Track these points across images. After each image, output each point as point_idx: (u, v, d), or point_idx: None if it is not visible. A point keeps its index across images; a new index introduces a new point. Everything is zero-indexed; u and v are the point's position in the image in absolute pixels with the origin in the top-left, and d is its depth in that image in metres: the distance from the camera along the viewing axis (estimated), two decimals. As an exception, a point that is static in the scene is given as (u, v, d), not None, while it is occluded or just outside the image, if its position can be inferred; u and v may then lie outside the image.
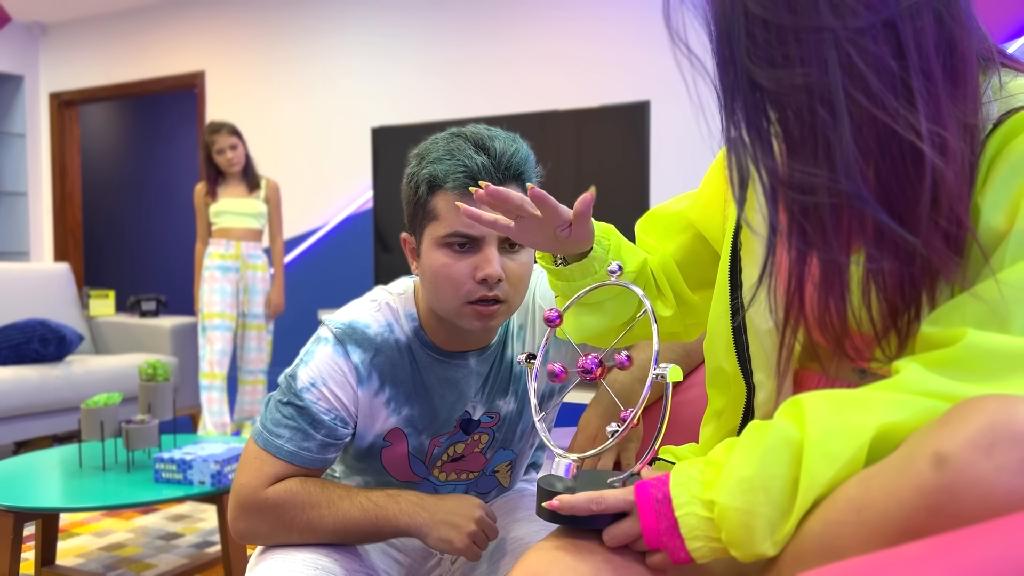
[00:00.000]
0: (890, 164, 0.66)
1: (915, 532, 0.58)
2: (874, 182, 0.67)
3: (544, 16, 4.37)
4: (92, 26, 6.04)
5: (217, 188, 3.81)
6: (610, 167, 3.51)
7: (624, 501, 0.76)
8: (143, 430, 2.10)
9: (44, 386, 3.58)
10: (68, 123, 6.21)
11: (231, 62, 5.43)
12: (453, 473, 1.28)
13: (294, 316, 5.14)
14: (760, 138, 0.70)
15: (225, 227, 3.79)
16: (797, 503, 0.65)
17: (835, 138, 0.66)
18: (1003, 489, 0.55)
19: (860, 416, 0.65)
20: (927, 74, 0.66)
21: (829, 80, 0.65)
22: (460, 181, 1.08)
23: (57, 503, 1.93)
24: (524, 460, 1.37)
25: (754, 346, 0.85)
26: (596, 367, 0.84)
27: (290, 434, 1.14)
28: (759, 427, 0.70)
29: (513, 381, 1.26)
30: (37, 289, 4.13)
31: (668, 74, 3.99)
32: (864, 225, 0.68)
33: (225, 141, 3.73)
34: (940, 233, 0.67)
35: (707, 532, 0.71)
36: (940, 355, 0.65)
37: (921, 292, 0.70)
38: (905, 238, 0.66)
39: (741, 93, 0.70)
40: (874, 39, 0.65)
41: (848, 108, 0.65)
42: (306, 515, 1.12)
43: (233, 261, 3.79)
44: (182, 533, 2.68)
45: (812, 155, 0.67)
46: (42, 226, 6.30)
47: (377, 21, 4.90)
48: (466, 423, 1.24)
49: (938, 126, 0.66)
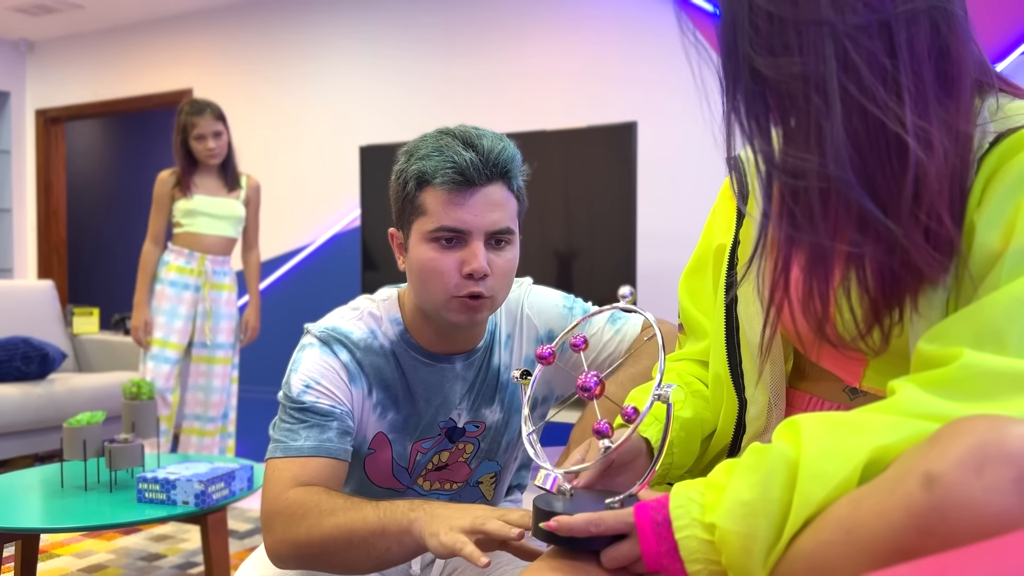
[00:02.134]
0: (876, 154, 0.69)
1: (905, 553, 0.58)
2: (861, 170, 0.70)
3: (532, 37, 4.40)
4: (79, 43, 6.03)
5: (191, 181, 3.12)
6: (597, 187, 3.53)
7: (624, 523, 0.75)
8: (126, 449, 2.08)
9: (26, 404, 3.54)
10: (54, 140, 6.19)
11: (218, 80, 5.43)
12: (437, 483, 1.28)
13: (281, 334, 5.11)
14: (758, 124, 0.74)
15: (194, 232, 3.13)
16: (789, 522, 0.66)
17: (826, 125, 0.69)
18: (993, 509, 0.55)
19: (854, 438, 0.65)
20: (917, 73, 0.69)
21: (825, 70, 0.69)
22: (448, 177, 1.10)
23: (37, 523, 1.90)
24: (508, 474, 1.37)
25: (747, 361, 0.86)
26: (595, 385, 0.84)
27: (306, 432, 1.13)
28: (760, 450, 0.70)
29: (499, 390, 1.26)
30: (20, 306, 4.09)
31: (655, 95, 4.02)
32: (850, 211, 0.70)
33: (208, 126, 3.07)
34: (920, 227, 0.70)
35: (707, 555, 0.71)
36: (936, 375, 0.66)
37: (904, 291, 0.72)
38: (887, 225, 0.69)
39: (742, 80, 0.74)
40: (869, 36, 0.69)
41: (841, 97, 0.69)
42: (329, 507, 1.06)
43: (194, 278, 3.12)
44: (165, 554, 2.64)
45: (804, 140, 0.71)
46: (26, 243, 6.25)
47: (365, 40, 4.92)
48: (451, 431, 1.24)
49: (923, 121, 0.69)
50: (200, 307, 3.11)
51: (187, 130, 3.08)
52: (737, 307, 0.91)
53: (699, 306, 1.02)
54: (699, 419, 0.97)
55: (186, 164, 3.11)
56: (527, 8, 4.42)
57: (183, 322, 3.08)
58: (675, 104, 3.93)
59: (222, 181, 3.16)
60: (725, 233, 0.96)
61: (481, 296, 1.12)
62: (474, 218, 1.10)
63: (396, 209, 1.18)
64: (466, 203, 1.10)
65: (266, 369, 5.06)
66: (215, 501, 1.94)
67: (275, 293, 4.96)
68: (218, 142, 3.10)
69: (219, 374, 3.16)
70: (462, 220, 1.10)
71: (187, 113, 3.08)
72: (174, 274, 3.09)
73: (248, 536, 2.77)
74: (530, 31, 4.40)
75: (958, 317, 0.68)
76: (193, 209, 3.10)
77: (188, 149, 3.10)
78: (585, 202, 3.57)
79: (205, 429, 3.14)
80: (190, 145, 3.09)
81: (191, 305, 3.10)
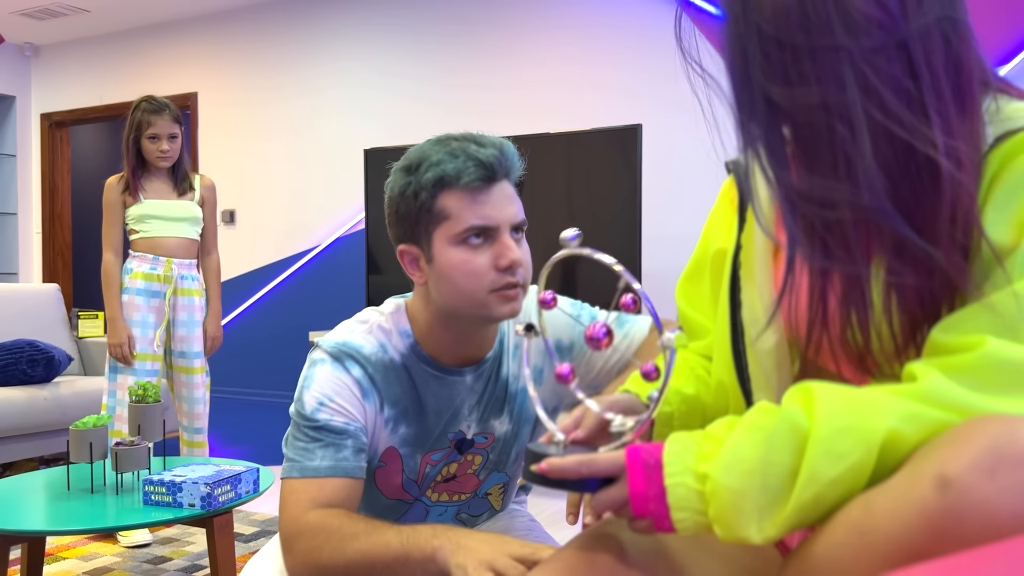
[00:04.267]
0: (908, 178, 0.68)
1: (919, 555, 0.57)
2: (895, 196, 0.68)
3: (536, 40, 4.40)
4: (84, 47, 6.05)
5: (140, 184, 2.89)
6: (601, 190, 3.53)
7: (615, 464, 0.74)
8: (132, 452, 2.08)
9: (32, 407, 3.55)
10: (59, 144, 6.21)
11: (223, 84, 5.44)
12: (445, 494, 1.28)
13: (286, 338, 5.12)
14: (776, 154, 0.72)
15: (152, 237, 2.91)
16: (794, 495, 0.65)
17: (855, 154, 0.67)
18: (1007, 511, 0.55)
19: (872, 418, 0.64)
20: (938, 93, 0.68)
21: (847, 98, 0.67)
22: (477, 174, 1.11)
23: (43, 526, 1.90)
24: (516, 484, 1.36)
25: (753, 365, 0.86)
26: (604, 336, 0.82)
27: (322, 452, 1.13)
28: (767, 410, 0.69)
29: (508, 401, 1.25)
30: (26, 310, 4.10)
31: (660, 98, 4.02)
32: (884, 239, 0.69)
33: (165, 127, 2.84)
34: (958, 247, 0.68)
35: (695, 505, 0.70)
36: (959, 361, 0.65)
37: (941, 306, 0.71)
38: (926, 251, 0.68)
39: (757, 110, 0.72)
40: (888, 59, 0.67)
41: (867, 124, 0.67)
42: (351, 532, 1.07)
43: (160, 284, 2.91)
44: (170, 557, 2.64)
45: (832, 170, 0.69)
46: (31, 246, 6.27)
47: (371, 44, 4.92)
48: (460, 442, 1.24)
49: (951, 139, 0.68)
50: (169, 315, 2.94)
51: (141, 128, 2.84)
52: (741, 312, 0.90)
53: (698, 310, 1.02)
54: (700, 400, 0.96)
55: (135, 165, 2.88)
56: (531, 12, 4.42)
57: (155, 331, 2.91)
58: (680, 107, 3.93)
59: (172, 184, 2.94)
60: (725, 237, 0.95)
61: (517, 285, 1.13)
62: (499, 213, 1.12)
63: (407, 225, 1.16)
64: (489, 199, 1.11)
65: (276, 374, 5.07)
66: (221, 504, 1.94)
67: (280, 296, 4.97)
68: (172, 145, 2.87)
69: (198, 384, 2.99)
70: (489, 216, 1.11)
71: (144, 111, 2.85)
72: (141, 281, 2.89)
73: (254, 539, 2.77)
74: (535, 34, 4.41)
75: (974, 309, 0.67)
76: (144, 214, 2.90)
77: (139, 148, 2.87)
78: (589, 205, 3.57)
79: (193, 440, 3.00)
80: (142, 144, 2.86)
81: (161, 313, 2.93)
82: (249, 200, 5.37)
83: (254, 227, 5.37)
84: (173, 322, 2.94)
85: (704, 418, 0.96)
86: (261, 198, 5.34)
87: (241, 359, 5.16)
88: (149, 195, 2.91)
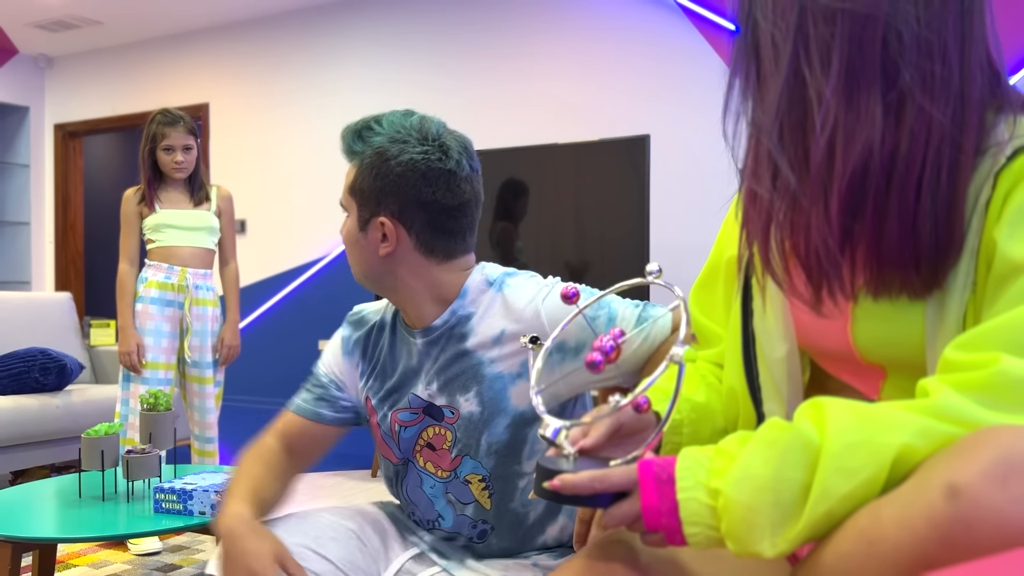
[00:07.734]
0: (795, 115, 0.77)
1: (928, 564, 0.57)
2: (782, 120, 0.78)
3: (545, 50, 4.42)
4: (97, 59, 6.11)
5: (156, 195, 2.96)
6: (609, 200, 3.53)
7: (627, 479, 0.74)
8: (143, 460, 2.09)
9: (44, 415, 3.56)
10: (72, 154, 6.26)
11: (234, 94, 5.48)
12: (430, 464, 1.29)
13: (295, 347, 5.13)
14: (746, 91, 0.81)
15: (167, 246, 2.95)
16: (806, 511, 0.65)
17: (773, 78, 0.77)
18: (1018, 521, 0.55)
19: (884, 435, 0.64)
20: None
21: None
22: None
23: (55, 533, 1.91)
24: (505, 486, 1.27)
25: (764, 374, 0.86)
26: (612, 349, 0.82)
27: (302, 393, 1.39)
28: (779, 426, 0.70)
29: (478, 382, 1.24)
30: (38, 318, 4.13)
31: (668, 109, 4.03)
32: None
33: (179, 139, 2.91)
34: (836, 198, 0.75)
35: (707, 520, 0.70)
36: (972, 378, 0.65)
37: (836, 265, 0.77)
38: (787, 177, 0.77)
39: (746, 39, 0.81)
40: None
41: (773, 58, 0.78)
42: (246, 467, 1.30)
43: (175, 293, 2.94)
44: (180, 565, 2.65)
45: (751, 95, 0.81)
46: (44, 255, 6.31)
47: (379, 54, 4.95)
48: (429, 407, 1.27)
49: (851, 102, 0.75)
50: (184, 324, 2.96)
51: (156, 140, 2.93)
52: (753, 320, 0.90)
53: (711, 318, 1.02)
54: (710, 407, 0.96)
55: (151, 177, 2.96)
56: (542, 23, 4.44)
57: (169, 340, 2.94)
58: (688, 117, 3.94)
59: (188, 195, 3.01)
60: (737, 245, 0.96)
61: None
62: None
63: (423, 191, 1.23)
64: None
65: (286, 382, 5.09)
66: (231, 512, 1.94)
67: (290, 305, 4.99)
68: (187, 156, 2.94)
69: (210, 394, 3.02)
70: None
71: (159, 123, 2.93)
72: (155, 290, 2.93)
73: (263, 548, 2.77)
74: (545, 46, 4.42)
75: (988, 328, 0.67)
76: (160, 223, 2.95)
77: (155, 160, 2.95)
78: (597, 215, 3.57)
79: (204, 449, 3.04)
80: (157, 156, 2.94)
81: (175, 322, 2.96)
82: (260, 209, 5.40)
83: (265, 236, 5.40)
84: (188, 331, 2.96)
85: (714, 425, 0.96)
86: (272, 207, 5.37)
87: (252, 368, 5.18)
88: (165, 205, 2.96)
